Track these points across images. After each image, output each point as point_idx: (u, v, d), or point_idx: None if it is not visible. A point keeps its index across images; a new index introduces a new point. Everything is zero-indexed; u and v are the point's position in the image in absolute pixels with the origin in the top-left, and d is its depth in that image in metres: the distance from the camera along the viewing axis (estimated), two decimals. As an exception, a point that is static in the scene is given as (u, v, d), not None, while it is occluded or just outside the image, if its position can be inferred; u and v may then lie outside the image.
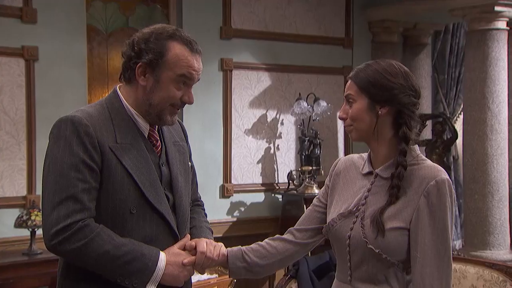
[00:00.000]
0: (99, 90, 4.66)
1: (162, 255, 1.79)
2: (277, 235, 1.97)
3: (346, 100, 1.81)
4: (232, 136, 5.03)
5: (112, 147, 1.78)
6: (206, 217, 2.12)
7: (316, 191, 4.96)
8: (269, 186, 5.21)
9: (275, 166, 5.24)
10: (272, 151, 5.23)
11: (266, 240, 1.96)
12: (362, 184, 1.82)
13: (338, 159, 1.96)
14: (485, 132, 4.92)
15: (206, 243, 1.88)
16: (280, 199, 5.17)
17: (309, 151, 5.14)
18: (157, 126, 1.92)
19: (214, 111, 4.95)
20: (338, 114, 1.83)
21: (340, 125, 5.55)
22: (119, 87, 1.90)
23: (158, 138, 1.92)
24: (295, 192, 5.03)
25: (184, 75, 1.81)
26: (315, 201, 1.96)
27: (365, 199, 1.78)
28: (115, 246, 1.73)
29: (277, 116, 5.25)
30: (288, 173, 5.10)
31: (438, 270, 1.69)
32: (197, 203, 2.12)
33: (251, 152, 5.14)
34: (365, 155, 1.88)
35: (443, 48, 6.24)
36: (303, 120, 5.16)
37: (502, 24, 4.95)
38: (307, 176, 5.03)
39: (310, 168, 5.05)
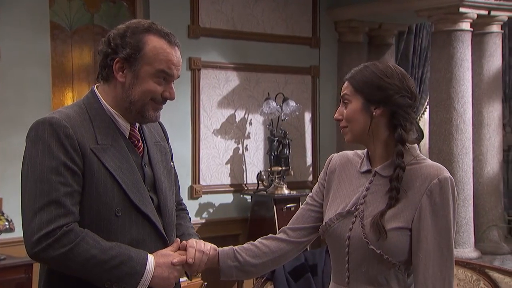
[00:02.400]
0: (63, 89, 4.54)
1: (151, 257, 1.74)
2: (270, 234, 1.93)
3: (342, 101, 1.79)
4: (201, 137, 4.97)
5: (93, 149, 1.71)
6: (191, 220, 2.08)
7: (286, 191, 4.94)
8: (237, 187, 5.16)
9: (244, 167, 5.20)
10: (240, 151, 5.18)
11: (258, 239, 1.91)
12: (360, 182, 1.79)
13: (331, 156, 1.92)
14: (450, 132, 5.00)
15: (196, 241, 1.85)
16: (249, 200, 5.13)
17: (278, 151, 5.11)
18: (137, 126, 1.85)
19: (182, 111, 4.88)
20: (333, 115, 1.80)
21: (308, 125, 5.55)
22: (96, 86, 1.83)
23: (139, 138, 1.86)
24: (265, 192, 5.00)
25: (163, 71, 1.75)
26: (308, 199, 1.92)
27: (363, 198, 1.75)
28: (101, 250, 1.66)
29: (246, 116, 5.21)
30: (258, 174, 5.07)
31: (441, 270, 1.68)
32: (180, 207, 2.06)
33: (220, 152, 5.08)
34: (360, 152, 1.85)
35: (407, 48, 6.30)
36: (271, 120, 5.13)
37: (466, 25, 5.04)
38: (276, 176, 5.00)
39: (280, 168, 5.03)
